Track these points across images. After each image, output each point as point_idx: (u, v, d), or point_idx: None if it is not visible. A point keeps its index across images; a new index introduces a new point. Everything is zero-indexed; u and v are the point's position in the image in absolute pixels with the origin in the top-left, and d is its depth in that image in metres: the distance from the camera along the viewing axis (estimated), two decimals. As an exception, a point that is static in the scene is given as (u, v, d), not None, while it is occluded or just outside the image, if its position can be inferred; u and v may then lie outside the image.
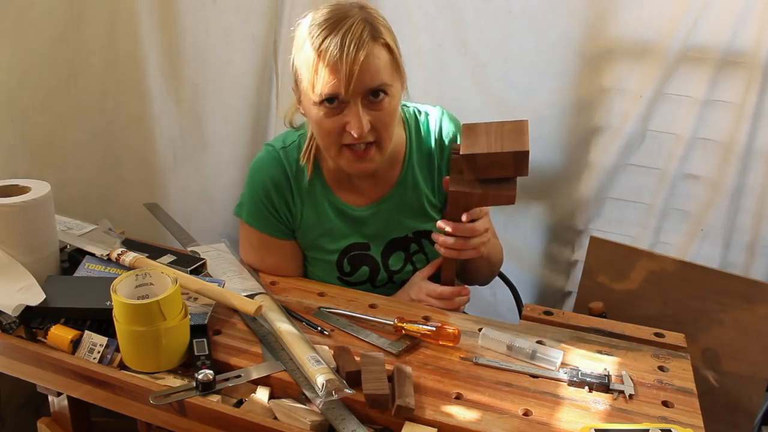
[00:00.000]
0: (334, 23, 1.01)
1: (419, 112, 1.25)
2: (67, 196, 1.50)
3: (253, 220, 1.21)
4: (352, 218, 1.22)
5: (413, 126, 1.23)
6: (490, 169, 1.01)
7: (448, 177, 1.07)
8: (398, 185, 1.22)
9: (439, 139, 1.22)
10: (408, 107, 1.25)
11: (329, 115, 1.05)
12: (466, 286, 1.18)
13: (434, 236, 1.11)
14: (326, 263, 1.24)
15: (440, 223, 1.08)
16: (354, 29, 1.00)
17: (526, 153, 0.98)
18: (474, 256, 1.10)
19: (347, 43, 0.99)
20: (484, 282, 1.35)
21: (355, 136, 1.04)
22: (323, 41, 1.01)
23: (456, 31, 1.62)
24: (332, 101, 1.03)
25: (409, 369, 0.94)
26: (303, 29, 1.06)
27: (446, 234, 1.08)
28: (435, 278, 1.22)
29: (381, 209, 1.22)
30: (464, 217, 1.05)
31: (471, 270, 1.26)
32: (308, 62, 1.03)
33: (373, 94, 1.04)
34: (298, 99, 1.13)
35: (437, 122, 1.23)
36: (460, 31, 1.61)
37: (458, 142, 1.09)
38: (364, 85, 1.02)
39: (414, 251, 1.26)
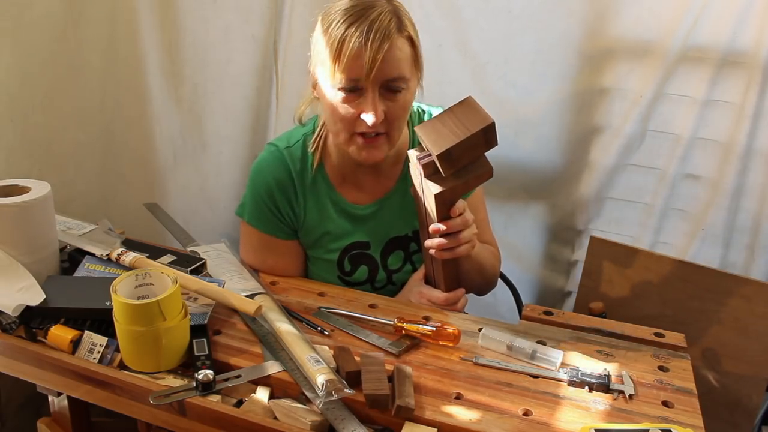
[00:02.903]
0: (361, 11, 1.02)
1: (422, 111, 1.26)
2: (67, 196, 1.50)
3: (254, 220, 1.21)
4: (354, 217, 1.22)
5: (416, 124, 1.23)
6: (465, 155, 1.01)
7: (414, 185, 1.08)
8: (400, 183, 1.23)
9: None
10: (412, 106, 1.26)
11: (346, 101, 1.05)
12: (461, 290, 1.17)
13: (427, 243, 1.09)
14: (327, 262, 1.24)
15: (433, 227, 1.06)
16: (381, 19, 1.01)
17: (493, 124, 0.99)
18: (470, 250, 1.09)
19: (373, 32, 1.00)
20: (478, 290, 1.32)
21: (369, 124, 1.04)
22: (349, 27, 1.01)
23: (456, 31, 1.62)
24: (351, 89, 1.04)
25: (409, 369, 0.94)
26: (334, 11, 1.06)
27: (440, 236, 1.07)
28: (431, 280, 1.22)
29: (383, 207, 1.23)
30: (453, 212, 1.05)
31: (462, 277, 1.25)
32: (333, 45, 1.03)
33: (391, 88, 1.05)
34: (313, 83, 1.13)
35: None
36: (460, 31, 1.61)
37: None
38: (384, 75, 1.03)
39: (413, 251, 1.26)
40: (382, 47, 1.00)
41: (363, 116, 1.04)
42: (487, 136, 1.00)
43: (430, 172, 1.04)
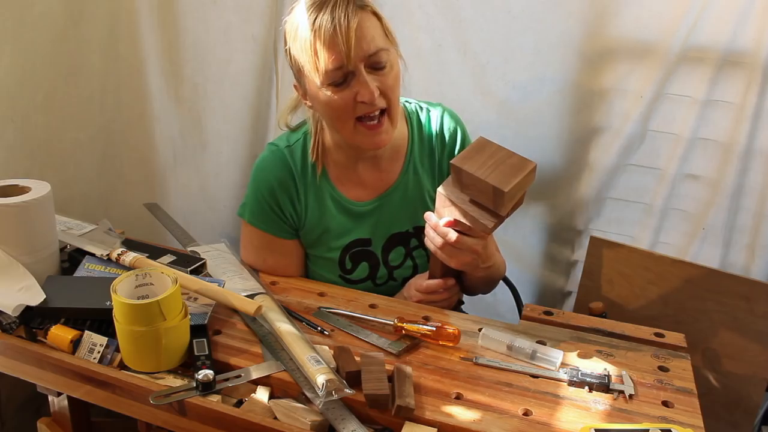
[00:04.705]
0: (321, 2, 1.04)
1: (421, 108, 1.27)
2: (67, 195, 1.50)
3: (256, 220, 1.22)
4: (355, 214, 1.23)
5: (415, 121, 1.25)
6: (472, 189, 1.01)
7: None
8: (400, 179, 1.23)
9: (440, 133, 1.24)
10: (410, 103, 1.27)
11: (338, 92, 1.06)
12: (449, 279, 1.16)
13: (426, 229, 1.10)
14: (328, 261, 1.24)
15: (427, 215, 1.09)
16: (340, 2, 1.03)
17: (503, 193, 0.96)
18: (454, 267, 1.09)
19: (338, 16, 1.02)
20: (483, 293, 1.35)
21: (367, 101, 1.05)
22: (315, 21, 1.03)
23: (456, 31, 1.62)
24: (338, 80, 1.05)
25: (409, 369, 0.94)
26: (293, 19, 1.08)
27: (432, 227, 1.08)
28: None
29: (383, 203, 1.23)
30: (443, 221, 1.05)
31: (467, 285, 1.25)
32: (305, 46, 1.05)
33: (375, 65, 1.06)
34: (303, 93, 1.14)
35: (438, 118, 1.25)
36: (460, 31, 1.61)
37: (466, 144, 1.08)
38: (363, 52, 1.03)
39: (414, 246, 1.26)
40: (351, 26, 1.02)
41: (359, 96, 1.05)
42: (496, 197, 0.97)
43: (451, 173, 1.04)
